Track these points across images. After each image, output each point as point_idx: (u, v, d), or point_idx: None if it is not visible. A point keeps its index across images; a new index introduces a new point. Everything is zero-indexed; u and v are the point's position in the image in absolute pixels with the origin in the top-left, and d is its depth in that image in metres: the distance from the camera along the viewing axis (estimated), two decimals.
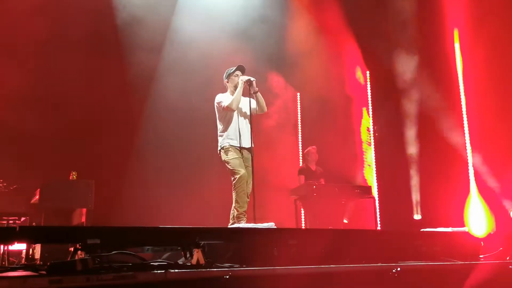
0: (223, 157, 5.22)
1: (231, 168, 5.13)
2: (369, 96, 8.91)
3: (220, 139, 5.30)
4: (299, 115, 9.22)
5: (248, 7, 7.84)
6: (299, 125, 9.17)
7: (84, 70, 7.01)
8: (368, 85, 8.96)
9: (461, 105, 7.59)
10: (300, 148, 8.98)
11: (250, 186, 5.12)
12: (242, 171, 5.08)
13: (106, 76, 7.11)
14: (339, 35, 8.48)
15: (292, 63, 8.34)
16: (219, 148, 5.29)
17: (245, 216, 5.01)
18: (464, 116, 7.53)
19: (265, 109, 5.40)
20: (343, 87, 8.74)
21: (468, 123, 7.47)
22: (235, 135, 5.21)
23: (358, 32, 8.45)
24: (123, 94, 7.30)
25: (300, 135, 9.11)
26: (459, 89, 7.62)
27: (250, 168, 5.18)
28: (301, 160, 8.75)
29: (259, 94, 5.28)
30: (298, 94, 9.25)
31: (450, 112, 7.55)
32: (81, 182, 5.71)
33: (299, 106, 9.27)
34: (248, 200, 5.12)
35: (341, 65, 8.70)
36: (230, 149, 5.18)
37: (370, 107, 8.87)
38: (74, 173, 5.82)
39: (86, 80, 6.95)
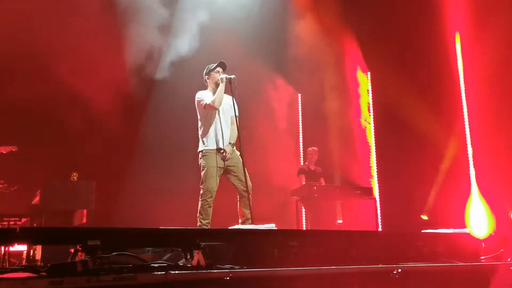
0: (200, 160, 5.01)
1: (202, 176, 4.94)
2: (370, 97, 8.90)
3: (200, 140, 5.08)
4: (300, 116, 9.22)
5: (249, 7, 7.85)
6: (300, 126, 9.18)
7: (85, 71, 7.02)
8: (369, 86, 8.95)
9: (462, 105, 7.58)
10: (301, 148, 8.99)
11: (248, 183, 4.88)
12: (212, 185, 4.86)
13: (108, 77, 7.11)
14: (340, 36, 8.48)
15: (293, 64, 8.34)
16: (199, 149, 5.06)
17: (207, 227, 4.81)
18: (465, 117, 7.52)
19: (237, 112, 5.01)
20: (344, 87, 8.73)
21: (469, 124, 7.46)
22: (216, 137, 4.98)
23: (359, 33, 8.44)
24: (124, 95, 7.31)
25: (301, 136, 9.11)
26: (460, 90, 7.61)
27: (237, 167, 4.94)
28: (302, 161, 8.76)
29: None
30: (299, 95, 9.26)
31: (451, 113, 7.54)
32: (82, 183, 5.71)
33: (300, 106, 9.28)
34: (249, 195, 4.85)
35: (342, 66, 8.70)
36: (208, 154, 4.96)
37: (371, 108, 8.86)
38: (75, 174, 5.82)
39: (87, 81, 6.95)
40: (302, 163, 8.54)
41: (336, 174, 7.97)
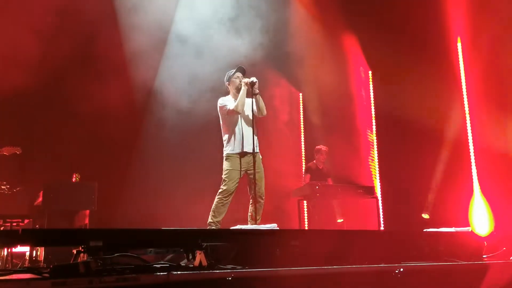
0: (224, 163, 5.14)
1: (223, 177, 5.07)
2: (372, 96, 8.89)
3: (224, 145, 5.19)
4: (301, 116, 9.22)
5: (249, 7, 7.84)
6: (302, 126, 9.18)
7: (87, 72, 7.04)
8: (371, 85, 8.94)
9: (464, 104, 7.57)
10: (303, 148, 8.98)
11: (263, 189, 5.08)
12: (232, 186, 5.00)
13: (109, 78, 7.13)
14: (341, 35, 8.48)
15: (294, 63, 8.34)
16: (224, 153, 5.18)
17: (217, 226, 4.91)
18: (467, 116, 7.51)
19: (265, 112, 5.20)
20: (345, 87, 8.72)
21: (471, 123, 7.45)
22: (238, 141, 5.08)
23: (360, 32, 8.43)
24: (126, 96, 7.32)
25: (302, 136, 9.11)
26: (462, 90, 7.60)
27: (253, 171, 5.00)
28: (303, 161, 8.75)
29: (259, 96, 5.12)
30: (301, 94, 9.26)
31: (453, 112, 7.54)
32: (84, 184, 5.73)
33: (301, 106, 9.28)
34: (262, 201, 5.06)
35: (344, 65, 8.69)
36: (231, 157, 5.08)
37: (372, 107, 8.85)
38: (77, 175, 5.85)
39: (89, 82, 6.97)
40: (304, 163, 8.54)
41: (338, 173, 7.95)
